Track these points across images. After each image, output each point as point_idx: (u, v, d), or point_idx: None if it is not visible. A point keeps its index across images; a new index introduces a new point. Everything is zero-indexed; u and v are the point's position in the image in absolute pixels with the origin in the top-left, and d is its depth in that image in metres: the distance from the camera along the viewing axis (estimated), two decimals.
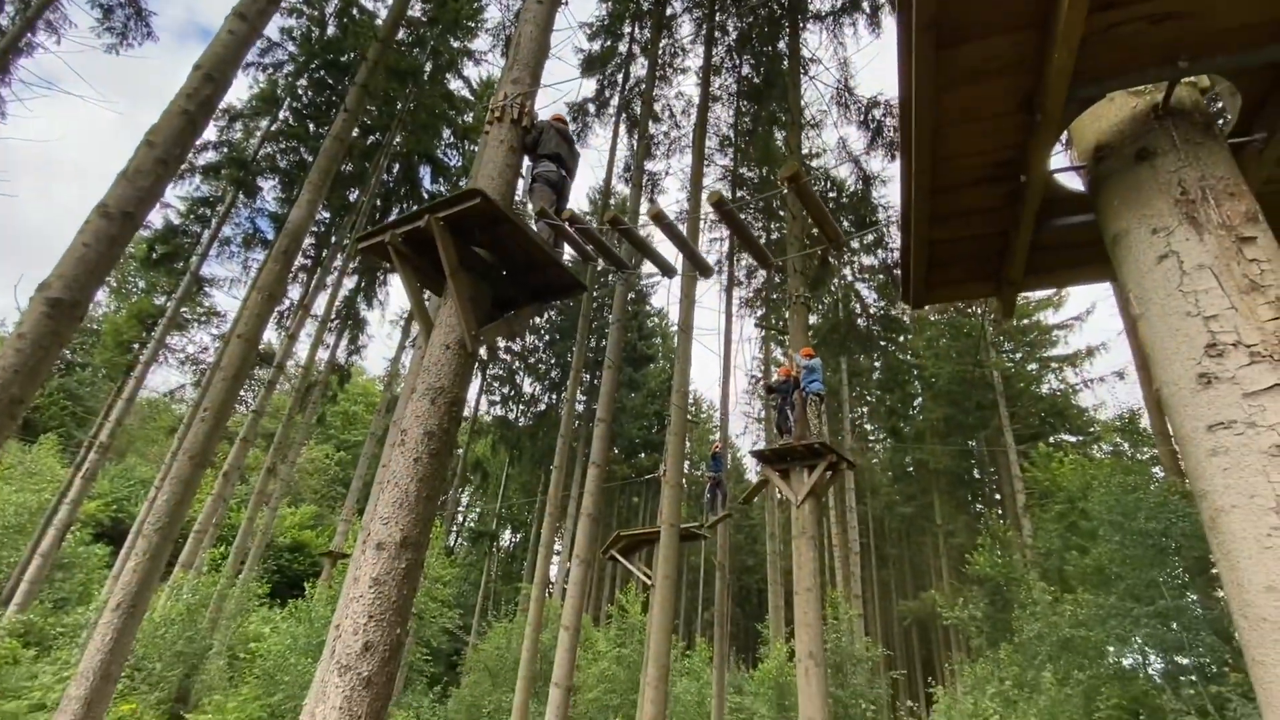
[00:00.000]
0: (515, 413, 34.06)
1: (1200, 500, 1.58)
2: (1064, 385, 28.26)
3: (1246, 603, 1.43)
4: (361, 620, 3.18)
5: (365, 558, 3.36)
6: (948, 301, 2.93)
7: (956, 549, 29.51)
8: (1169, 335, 1.70)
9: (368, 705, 3.04)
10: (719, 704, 12.74)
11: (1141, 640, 10.33)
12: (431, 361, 3.89)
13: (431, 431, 3.65)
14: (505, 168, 4.63)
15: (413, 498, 3.48)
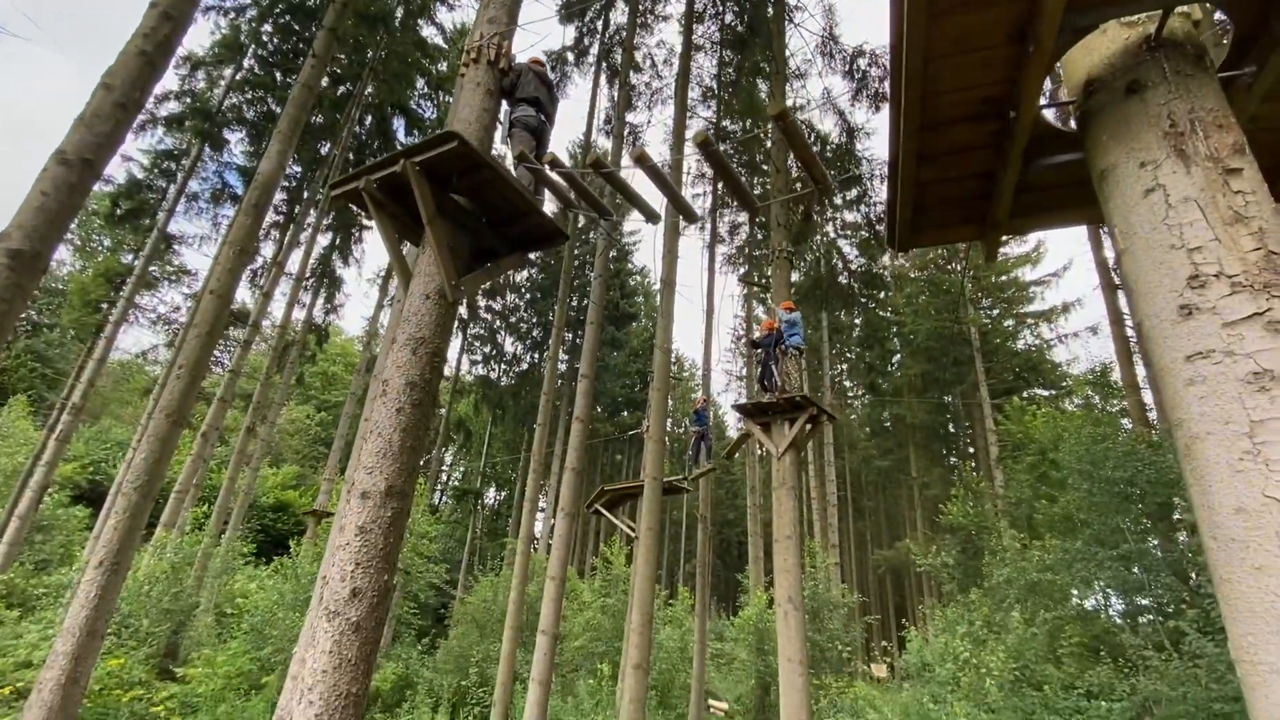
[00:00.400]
0: (497, 372, 33.95)
1: (1176, 429, 1.61)
2: (1039, 341, 28.78)
3: (1216, 525, 1.47)
4: (348, 568, 3.19)
5: (350, 507, 3.35)
6: (933, 245, 2.92)
7: (931, 500, 30.38)
8: (1152, 269, 1.71)
9: (357, 648, 3.07)
10: (701, 649, 13.16)
11: (1104, 583, 10.79)
12: (411, 311, 3.82)
13: (413, 382, 3.61)
14: (482, 112, 4.48)
15: (396, 447, 3.46)
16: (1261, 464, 1.39)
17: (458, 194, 4.11)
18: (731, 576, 42.26)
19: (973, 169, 2.48)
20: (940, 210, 2.74)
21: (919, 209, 2.71)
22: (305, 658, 3.07)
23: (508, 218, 4.28)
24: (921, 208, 2.71)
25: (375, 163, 3.96)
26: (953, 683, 8.14)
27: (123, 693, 7.63)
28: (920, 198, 2.62)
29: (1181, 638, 7.52)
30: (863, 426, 39.70)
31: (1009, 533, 14.90)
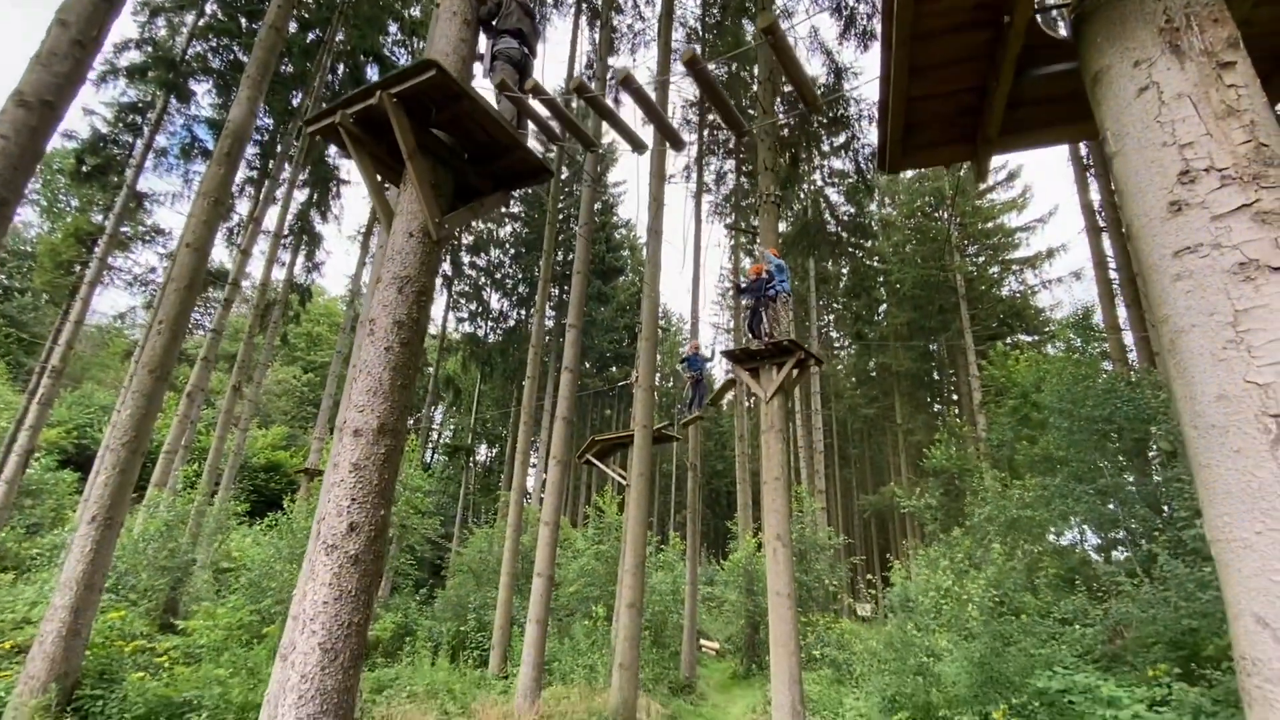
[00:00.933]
0: (484, 329, 33.72)
1: (1161, 326, 1.63)
2: (1023, 286, 28.96)
3: (1197, 413, 1.51)
4: (344, 503, 3.21)
5: (344, 444, 3.36)
6: (923, 166, 2.89)
7: (915, 446, 30.99)
8: (1144, 167, 1.70)
9: (357, 580, 3.13)
10: (692, 590, 13.54)
11: (1080, 517, 11.15)
12: (395, 250, 3.75)
13: (400, 320, 3.58)
14: (460, 43, 4.32)
15: (386, 385, 3.45)
16: (1244, 351, 1.42)
17: (438, 129, 3.99)
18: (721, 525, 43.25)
19: (964, 83, 2.44)
20: (931, 129, 2.70)
21: (910, 128, 2.67)
22: (305, 591, 3.12)
23: (491, 153, 4.18)
24: (912, 126, 2.67)
25: (351, 95, 3.83)
26: (935, 611, 8.46)
27: (125, 644, 7.75)
28: (911, 115, 2.58)
29: (1153, 564, 7.82)
30: (849, 376, 40.17)
31: (990, 473, 15.28)
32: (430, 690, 8.74)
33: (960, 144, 2.75)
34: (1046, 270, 27.57)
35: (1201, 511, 1.52)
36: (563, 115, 4.17)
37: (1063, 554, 12.12)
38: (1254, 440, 1.38)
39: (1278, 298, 1.40)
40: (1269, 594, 1.32)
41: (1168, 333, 1.61)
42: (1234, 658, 1.44)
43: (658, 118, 3.72)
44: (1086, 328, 17.24)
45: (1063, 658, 7.23)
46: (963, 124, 2.66)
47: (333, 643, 3.01)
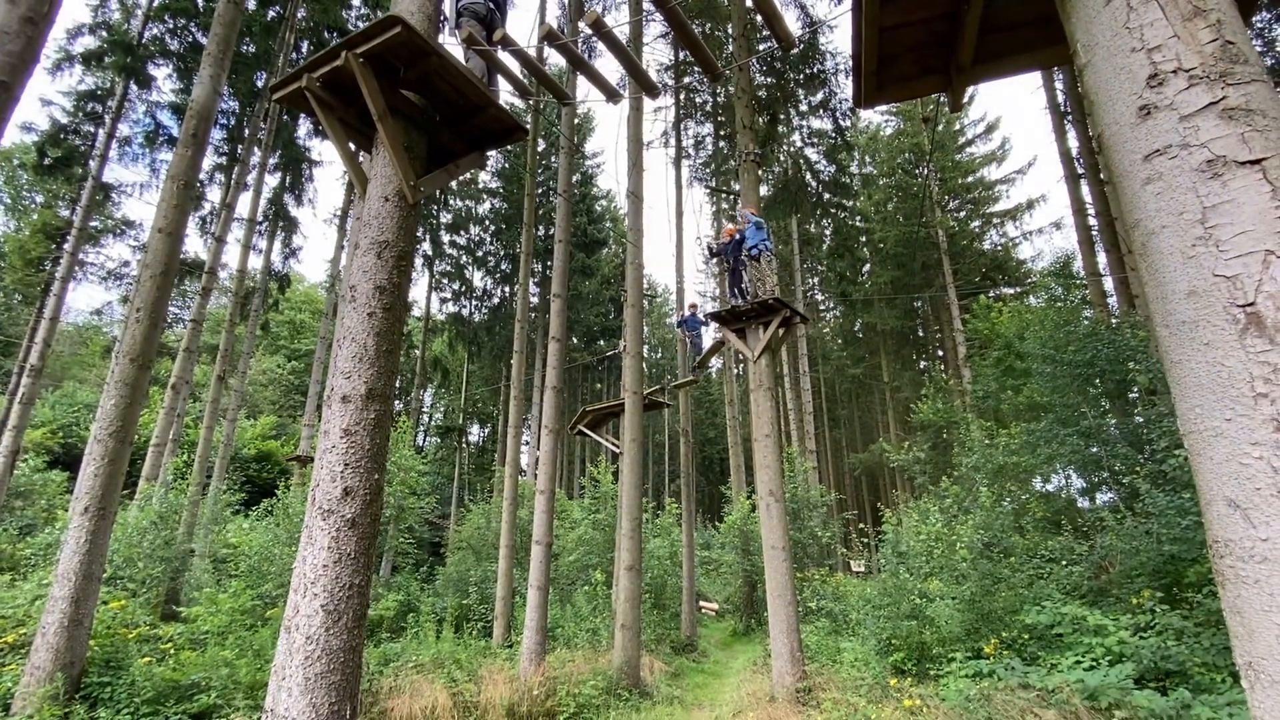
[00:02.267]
0: (469, 308, 33.48)
1: (1133, 231, 1.66)
2: (1004, 239, 29.11)
3: (1169, 312, 1.54)
4: (338, 469, 3.22)
5: (333, 411, 3.35)
6: (898, 100, 2.88)
7: (903, 403, 31.41)
8: (1113, 76, 1.71)
9: (355, 542, 3.15)
10: (689, 552, 13.75)
11: (1065, 461, 11.40)
12: (372, 215, 3.70)
13: (382, 286, 3.55)
14: (428, 3, 4.22)
15: (372, 351, 3.43)
16: (1212, 246, 1.45)
17: (407, 89, 3.91)
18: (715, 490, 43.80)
19: (937, 9, 2.42)
20: (904, 61, 2.68)
21: (884, 61, 2.66)
22: (305, 555, 3.14)
23: (463, 113, 4.11)
24: (886, 59, 2.65)
25: (315, 57, 3.74)
26: (926, 555, 8.67)
27: (128, 632, 7.78)
28: (885, 46, 2.56)
29: (1135, 500, 8.04)
30: (835, 337, 40.43)
31: (977, 424, 15.54)
32: (436, 661, 8.87)
33: (934, 75, 2.74)
34: (1027, 221, 27.73)
35: (1176, 408, 1.57)
36: (533, 66, 4.09)
37: (1049, 498, 12.42)
38: (1223, 331, 1.41)
39: (1244, 192, 1.43)
40: (1239, 477, 1.36)
41: (1139, 236, 1.63)
42: (1208, 544, 1.49)
43: (629, 62, 3.66)
44: (1067, 276, 17.46)
45: (1051, 594, 7.46)
46: (936, 54, 2.65)
47: (335, 604, 3.04)
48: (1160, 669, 5.69)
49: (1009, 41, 2.55)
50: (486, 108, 4.05)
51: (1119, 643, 6.00)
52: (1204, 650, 5.57)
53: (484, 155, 4.42)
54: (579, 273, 31.30)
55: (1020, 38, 2.53)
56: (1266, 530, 1.31)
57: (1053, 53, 2.57)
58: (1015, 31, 2.51)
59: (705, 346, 12.67)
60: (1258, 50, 1.68)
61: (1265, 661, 1.32)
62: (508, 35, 3.95)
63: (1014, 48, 2.58)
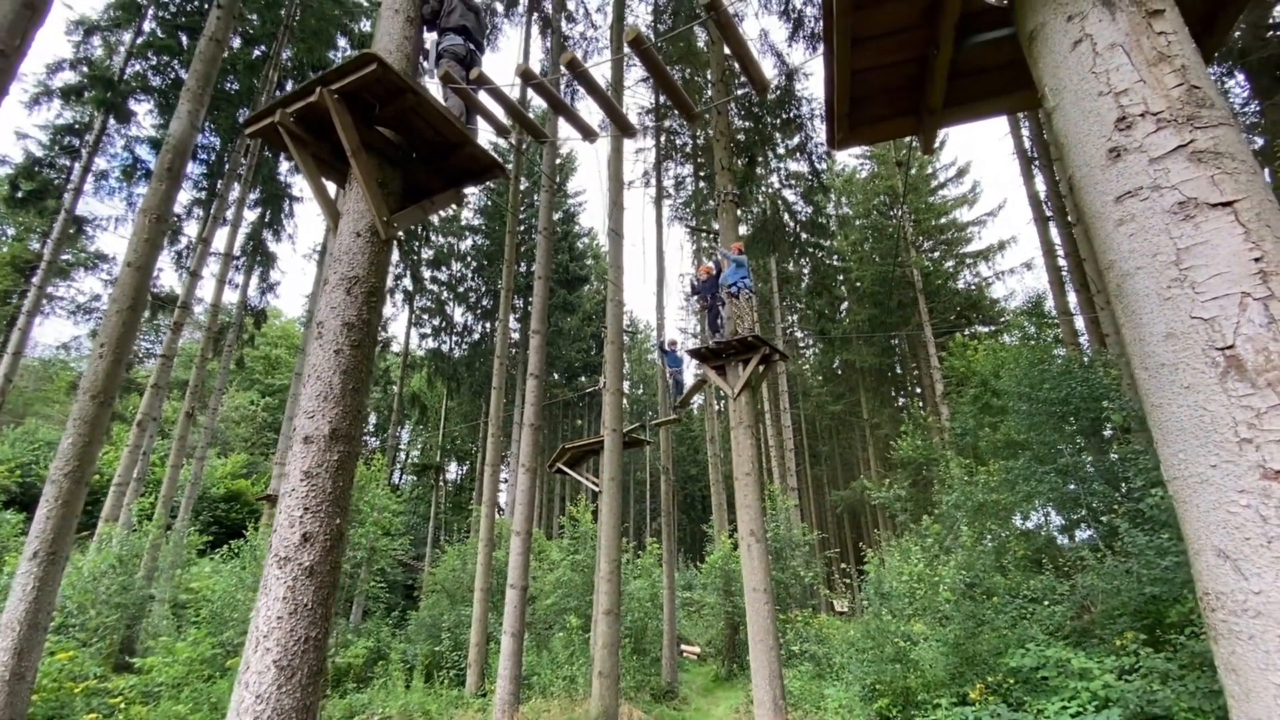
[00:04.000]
0: (449, 344, 33.25)
1: (1108, 272, 1.64)
2: (978, 279, 29.75)
3: (1147, 354, 1.51)
4: (296, 513, 3.07)
5: (294, 452, 3.22)
6: (871, 142, 2.90)
7: (882, 440, 31.50)
8: (1081, 119, 1.71)
9: (313, 593, 2.98)
10: (670, 594, 13.45)
11: (1044, 499, 11.42)
12: (343, 250, 3.63)
13: (350, 322, 3.46)
14: (403, 40, 4.23)
15: (337, 390, 3.32)
16: (1188, 288, 1.42)
17: (383, 126, 3.89)
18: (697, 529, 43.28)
19: (907, 53, 2.45)
20: (876, 102, 2.71)
21: (856, 103, 2.68)
22: (260, 607, 2.97)
23: (439, 150, 4.09)
24: (858, 101, 2.67)
25: (291, 93, 3.70)
26: (909, 597, 8.54)
27: (75, 686, 7.34)
28: (857, 87, 2.58)
29: (1114, 538, 8.03)
30: (815, 374, 40.71)
31: (956, 461, 15.57)
32: (405, 713, 8.47)
33: (906, 117, 2.77)
34: (999, 262, 28.47)
35: (1158, 453, 1.52)
36: (510, 105, 4.10)
37: (1029, 536, 12.40)
38: (1203, 375, 1.38)
39: (1217, 234, 1.41)
40: (1227, 526, 1.31)
41: (1114, 278, 1.61)
42: (1198, 595, 1.43)
43: (605, 103, 3.67)
44: (1039, 315, 17.79)
45: (1034, 635, 7.36)
46: (907, 97, 2.68)
47: (289, 659, 2.86)
48: (1147, 713, 5.58)
49: (978, 86, 2.59)
50: (463, 145, 4.04)
51: (1104, 686, 5.90)
52: (1189, 694, 5.49)
53: (461, 192, 4.40)
54: (560, 309, 31.33)
55: (989, 82, 2.58)
56: (1259, 582, 1.26)
57: (1021, 97, 2.61)
58: (984, 76, 2.55)
59: (688, 384, 12.62)
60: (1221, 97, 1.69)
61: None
62: (484, 74, 3.96)
63: (983, 92, 2.62)
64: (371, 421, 44.09)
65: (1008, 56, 2.41)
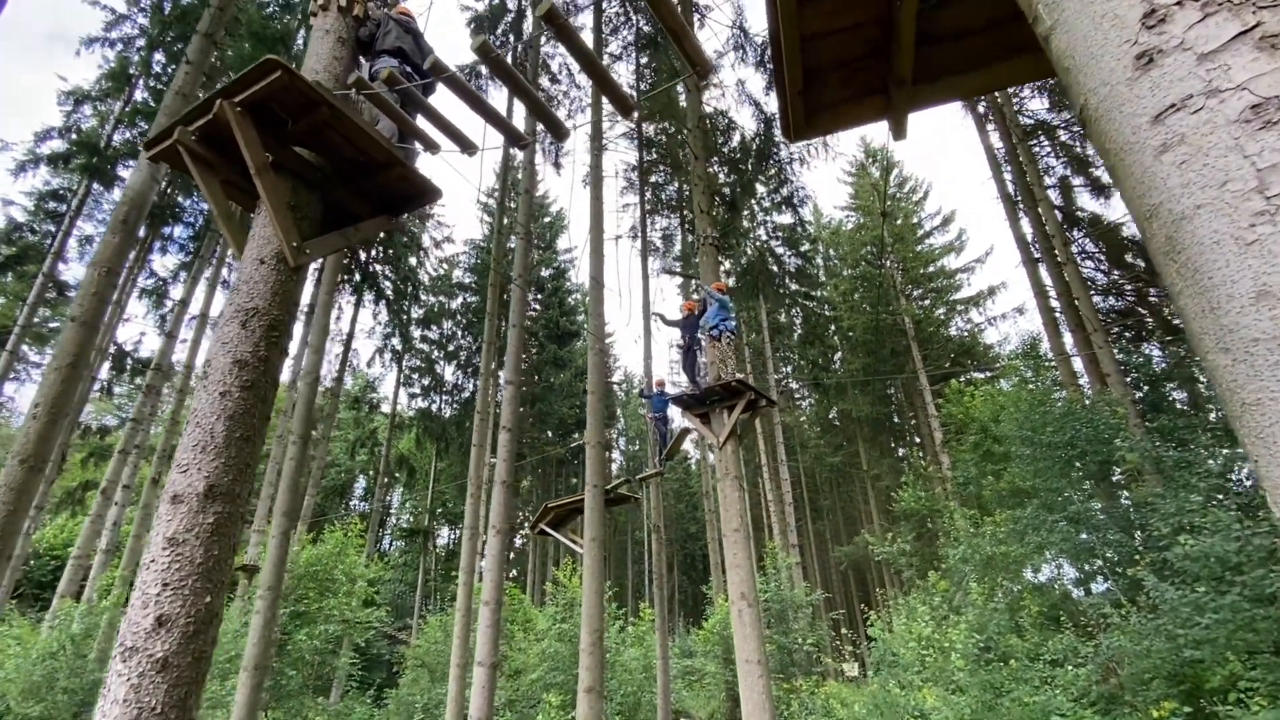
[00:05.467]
0: (438, 403, 32.68)
1: (1150, 221, 1.16)
2: (970, 325, 29.55)
3: (1227, 328, 1.01)
4: (153, 591, 2.49)
5: (160, 514, 2.66)
6: (833, 130, 2.49)
7: (883, 491, 30.59)
8: (1092, 28, 1.27)
9: (165, 693, 2.37)
10: (663, 665, 12.47)
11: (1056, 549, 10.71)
12: (243, 280, 3.17)
13: (243, 360, 2.96)
14: (332, 60, 3.90)
15: (220, 438, 2.79)
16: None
17: (300, 144, 3.50)
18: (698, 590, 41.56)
19: (865, 10, 2.05)
20: (834, 80, 2.31)
21: (811, 78, 2.27)
22: (97, 711, 2.36)
23: (364, 171, 3.69)
24: (813, 76, 2.27)
25: (192, 108, 3.32)
26: (919, 664, 7.75)
27: None
28: (809, 59, 2.18)
29: (1138, 592, 7.34)
30: (812, 426, 39.97)
31: (960, 512, 14.84)
32: None
33: (871, 98, 2.37)
34: (990, 307, 28.29)
35: (1257, 475, 1.01)
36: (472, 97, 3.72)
37: (1043, 591, 11.60)
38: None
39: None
40: None
41: (1161, 228, 1.13)
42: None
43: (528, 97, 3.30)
44: (1035, 358, 17.37)
45: (1059, 704, 6.58)
46: (871, 70, 2.28)
47: None
48: None
49: (957, 54, 2.19)
50: (391, 166, 3.64)
51: None
52: None
53: (393, 219, 3.98)
54: (551, 364, 30.95)
55: (970, 50, 2.18)
56: None
57: (1008, 68, 2.21)
58: (964, 41, 2.15)
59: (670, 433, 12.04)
60: None
61: None
62: (394, 74, 3.59)
63: (963, 61, 2.22)
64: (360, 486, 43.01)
65: (990, 14, 2.02)
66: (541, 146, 20.54)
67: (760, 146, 13.42)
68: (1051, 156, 17.81)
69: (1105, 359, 12.10)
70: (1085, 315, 12.97)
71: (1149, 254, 1.21)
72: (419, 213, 29.51)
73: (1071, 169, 17.46)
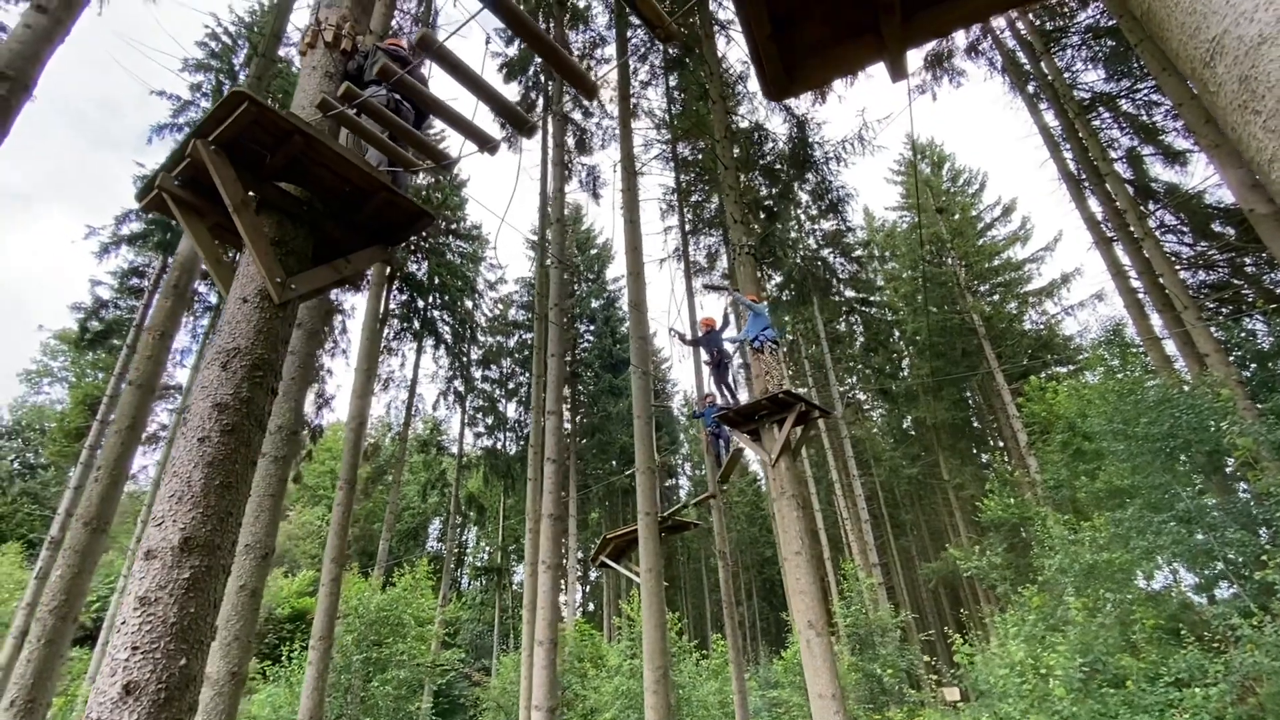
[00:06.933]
0: (503, 440, 33.10)
1: (1214, 64, 0.78)
2: (1045, 317, 27.74)
3: None
4: (121, 656, 2.32)
5: (134, 572, 2.51)
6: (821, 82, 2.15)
7: (968, 501, 28.77)
8: None
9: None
10: (741, 699, 11.81)
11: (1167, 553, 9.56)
12: (226, 320, 3.07)
13: (224, 403, 2.82)
14: (319, 96, 3.84)
15: (197, 487, 2.63)
16: None
17: (278, 176, 3.41)
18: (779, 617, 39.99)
19: None
20: (814, 19, 1.97)
21: (783, 23, 1.95)
22: None
23: (351, 200, 3.57)
24: (785, 18, 1.94)
25: (172, 154, 3.29)
26: (1015, 694, 6.93)
27: None
28: None
29: (1271, 594, 6.36)
30: (885, 437, 38.20)
31: (1053, 517, 13.62)
32: None
33: (862, 38, 2.02)
34: (1065, 297, 26.46)
35: None
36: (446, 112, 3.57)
37: (1158, 600, 10.36)
38: None
39: None
40: None
41: (1232, 67, 0.75)
42: None
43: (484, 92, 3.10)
44: (1121, 344, 15.99)
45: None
46: (856, 6, 1.94)
47: None
48: None
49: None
50: (376, 192, 3.51)
51: None
52: None
53: (387, 249, 3.85)
54: (607, 393, 30.96)
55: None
56: None
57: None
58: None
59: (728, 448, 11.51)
60: None
61: None
62: (353, 89, 3.46)
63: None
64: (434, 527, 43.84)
65: None
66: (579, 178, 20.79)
67: (794, 150, 13.01)
68: (1115, 128, 16.59)
69: (1202, 338, 10.92)
70: (1173, 293, 11.80)
71: (1217, 112, 0.82)
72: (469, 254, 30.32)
73: (1139, 139, 16.19)
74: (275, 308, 3.15)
